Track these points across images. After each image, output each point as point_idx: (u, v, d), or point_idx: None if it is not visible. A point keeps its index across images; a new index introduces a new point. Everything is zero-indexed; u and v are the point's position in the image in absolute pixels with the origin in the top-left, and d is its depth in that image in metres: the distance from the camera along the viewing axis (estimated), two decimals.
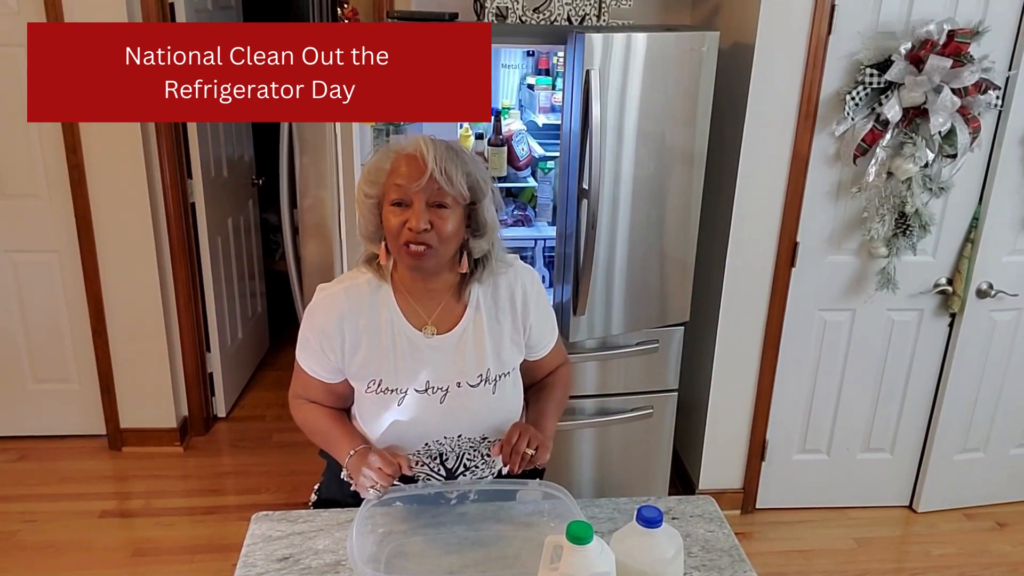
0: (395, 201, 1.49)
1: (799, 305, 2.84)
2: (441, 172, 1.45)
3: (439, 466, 1.64)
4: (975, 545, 2.97)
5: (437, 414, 1.59)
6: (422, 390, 1.58)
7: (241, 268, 3.87)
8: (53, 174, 3.07)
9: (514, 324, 1.64)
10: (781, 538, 3.00)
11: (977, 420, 3.02)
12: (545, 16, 2.63)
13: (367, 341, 1.57)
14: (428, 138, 1.50)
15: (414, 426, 1.59)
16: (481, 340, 1.60)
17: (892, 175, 2.59)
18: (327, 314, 1.58)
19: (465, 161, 1.51)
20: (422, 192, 1.46)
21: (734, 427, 3.01)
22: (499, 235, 1.62)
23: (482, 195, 1.53)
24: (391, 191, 1.50)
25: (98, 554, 2.79)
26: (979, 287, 2.79)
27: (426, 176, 1.45)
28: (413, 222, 1.46)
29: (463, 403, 1.60)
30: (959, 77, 2.42)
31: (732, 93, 2.67)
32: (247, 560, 1.50)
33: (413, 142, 1.50)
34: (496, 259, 1.61)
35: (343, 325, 1.56)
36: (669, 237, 2.58)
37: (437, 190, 1.47)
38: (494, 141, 2.76)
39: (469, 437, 1.63)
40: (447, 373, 1.59)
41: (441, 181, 1.46)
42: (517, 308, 1.64)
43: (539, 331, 1.69)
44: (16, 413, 3.39)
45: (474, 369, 1.60)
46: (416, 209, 1.47)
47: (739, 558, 1.54)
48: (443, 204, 1.48)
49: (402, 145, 1.52)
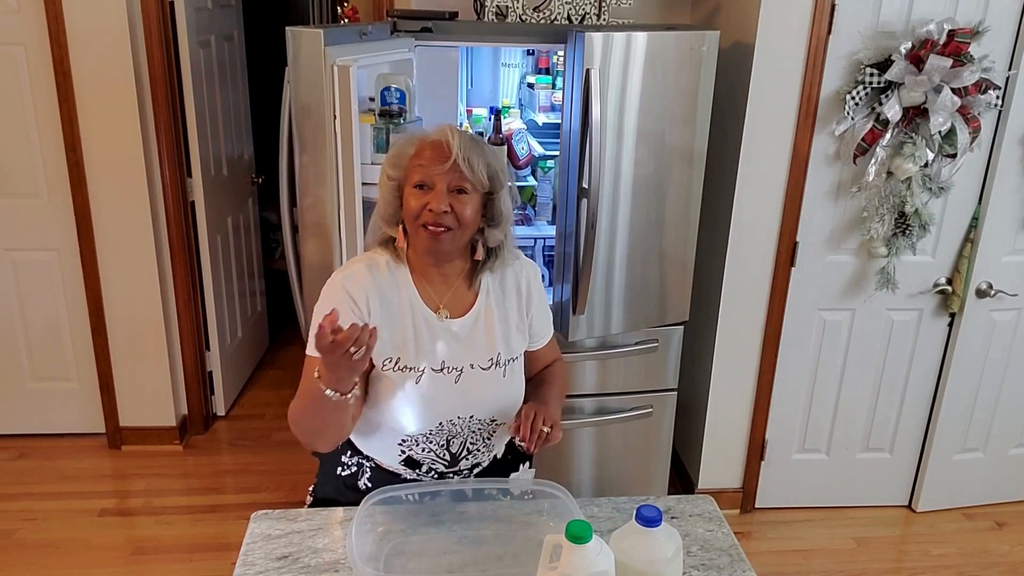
0: (417, 183, 1.53)
1: (799, 305, 2.84)
2: (464, 160, 1.51)
3: (444, 450, 1.65)
4: (974, 545, 2.97)
5: (453, 394, 1.61)
6: (438, 369, 1.60)
7: (241, 267, 3.87)
8: (53, 173, 3.07)
9: (519, 312, 1.70)
10: (780, 537, 3.00)
11: (976, 420, 3.02)
12: (545, 15, 2.63)
13: (388, 317, 1.59)
14: (453, 127, 1.56)
15: (430, 405, 1.60)
16: (492, 325, 1.65)
17: (892, 175, 2.59)
18: (353, 286, 1.58)
19: (486, 152, 1.57)
20: (444, 176, 1.51)
21: (733, 426, 3.01)
22: (512, 227, 1.67)
23: (500, 186, 1.59)
24: (414, 173, 1.54)
25: (97, 552, 2.79)
26: (979, 287, 2.79)
27: (450, 161, 1.50)
28: (434, 204, 1.51)
29: (476, 384, 1.62)
30: (959, 77, 2.42)
31: (732, 92, 2.67)
32: (246, 559, 1.50)
33: (439, 130, 1.55)
34: (508, 250, 1.66)
35: (368, 298, 1.58)
36: (669, 236, 2.58)
37: (459, 176, 1.52)
38: (494, 140, 2.76)
39: (480, 419, 1.65)
40: (461, 355, 1.62)
41: (463, 168, 1.51)
42: (523, 297, 1.71)
43: (539, 321, 1.75)
44: (15, 411, 3.40)
45: (486, 353, 1.64)
46: (438, 191, 1.52)
47: (738, 557, 1.54)
48: (463, 190, 1.53)
49: (427, 132, 1.58)
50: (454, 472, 1.69)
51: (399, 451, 1.65)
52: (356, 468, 1.71)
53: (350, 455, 1.72)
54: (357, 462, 1.71)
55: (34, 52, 2.91)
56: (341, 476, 1.73)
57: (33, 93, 2.97)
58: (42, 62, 2.92)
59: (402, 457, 1.66)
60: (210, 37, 3.42)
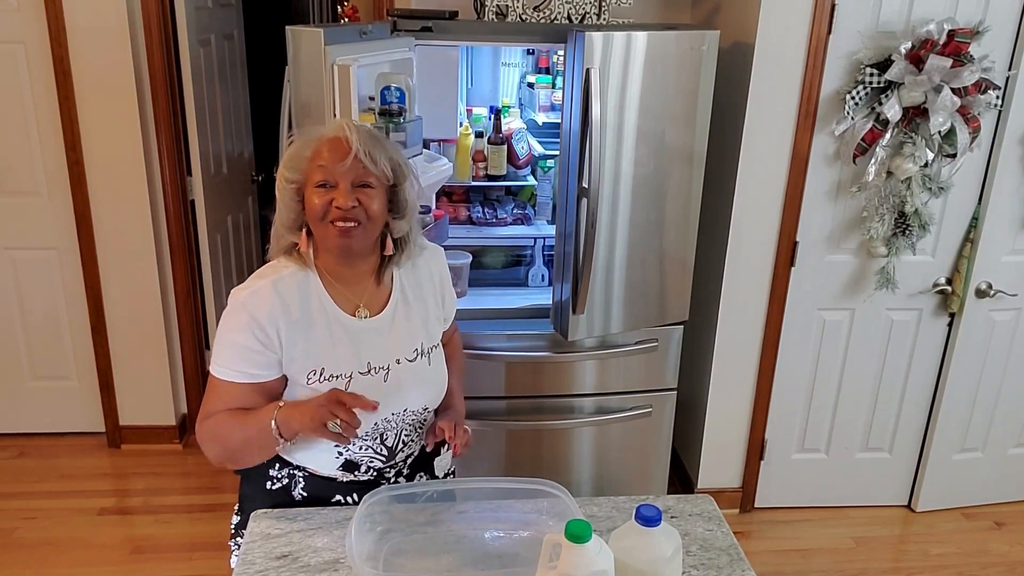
0: (319, 183, 1.50)
1: (798, 304, 2.84)
2: (366, 154, 1.49)
3: (380, 445, 1.64)
4: (973, 544, 2.97)
5: (383, 393, 1.58)
6: (365, 371, 1.59)
7: (240, 265, 3.87)
8: (52, 171, 3.07)
9: (435, 299, 1.72)
10: (779, 537, 3.00)
11: (976, 420, 3.02)
12: (545, 14, 2.63)
13: (303, 332, 1.55)
14: (349, 121, 1.54)
15: None
16: (411, 317, 1.66)
17: (892, 175, 2.59)
18: (259, 309, 1.52)
19: (387, 146, 1.56)
20: (347, 173, 1.49)
21: (733, 426, 3.01)
22: (417, 217, 1.66)
23: (403, 177, 1.57)
24: (315, 173, 1.51)
25: (97, 551, 2.79)
26: (978, 287, 2.79)
27: (351, 157, 1.48)
28: (340, 200, 1.48)
29: (405, 377, 1.62)
30: (959, 77, 2.42)
31: (732, 92, 2.67)
32: (246, 558, 1.50)
33: (336, 126, 1.53)
34: (414, 242, 1.66)
35: (277, 319, 1.52)
36: (669, 236, 2.58)
37: (362, 171, 1.50)
38: (494, 139, 2.76)
39: (413, 410, 1.65)
40: (385, 352, 1.61)
41: (366, 162, 1.49)
42: (436, 284, 1.73)
43: (450, 304, 1.79)
44: (15, 410, 3.40)
45: (409, 344, 1.64)
46: (342, 188, 1.49)
47: (737, 557, 1.54)
48: (368, 184, 1.51)
49: (323, 131, 1.54)
50: (390, 466, 1.68)
51: (335, 456, 1.62)
52: (288, 480, 1.65)
53: (278, 468, 1.65)
54: (288, 473, 1.65)
55: (34, 50, 2.91)
56: (271, 490, 1.66)
57: (33, 91, 2.97)
58: (42, 60, 2.91)
59: (339, 461, 1.63)
60: (210, 36, 3.41)
